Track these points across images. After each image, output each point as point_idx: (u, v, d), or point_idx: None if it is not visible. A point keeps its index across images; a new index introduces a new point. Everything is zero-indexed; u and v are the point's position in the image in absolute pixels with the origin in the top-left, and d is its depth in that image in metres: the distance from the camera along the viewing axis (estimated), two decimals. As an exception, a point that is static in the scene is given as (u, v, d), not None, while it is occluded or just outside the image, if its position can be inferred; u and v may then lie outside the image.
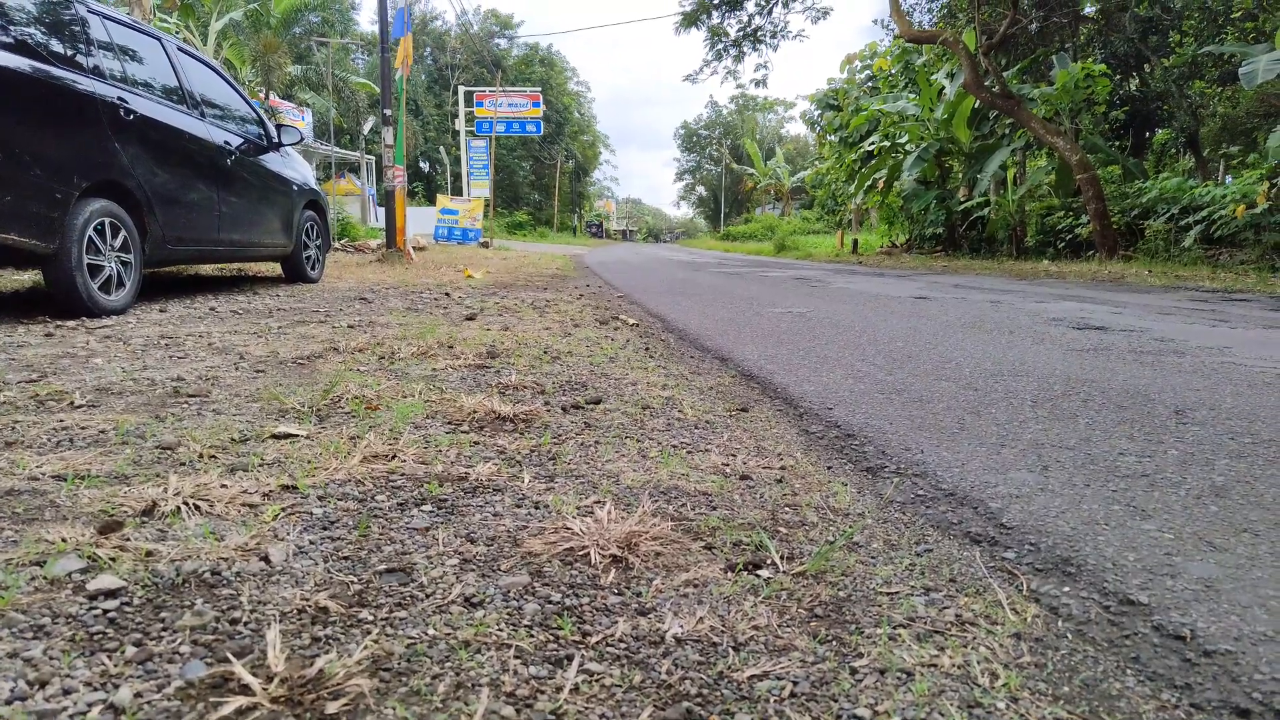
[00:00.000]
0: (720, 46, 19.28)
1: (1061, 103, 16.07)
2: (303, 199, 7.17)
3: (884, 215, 23.21)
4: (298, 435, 2.09)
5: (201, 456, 1.90)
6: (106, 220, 4.64)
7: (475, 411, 2.40)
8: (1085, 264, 13.41)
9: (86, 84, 4.62)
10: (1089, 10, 19.30)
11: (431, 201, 40.56)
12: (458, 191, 40.01)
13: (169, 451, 1.93)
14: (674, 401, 2.74)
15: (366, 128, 27.00)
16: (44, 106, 4.34)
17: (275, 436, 2.08)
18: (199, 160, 5.64)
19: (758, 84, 21.62)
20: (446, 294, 6.66)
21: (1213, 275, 10.16)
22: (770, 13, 18.86)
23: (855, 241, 23.31)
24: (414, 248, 15.80)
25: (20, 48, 4.24)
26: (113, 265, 4.70)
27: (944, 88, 19.41)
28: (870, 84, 29.13)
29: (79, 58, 4.70)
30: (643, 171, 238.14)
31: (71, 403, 2.44)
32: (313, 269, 7.41)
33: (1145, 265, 12.11)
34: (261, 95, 22.43)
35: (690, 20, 18.45)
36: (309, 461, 1.88)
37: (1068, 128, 16.50)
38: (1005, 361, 3.53)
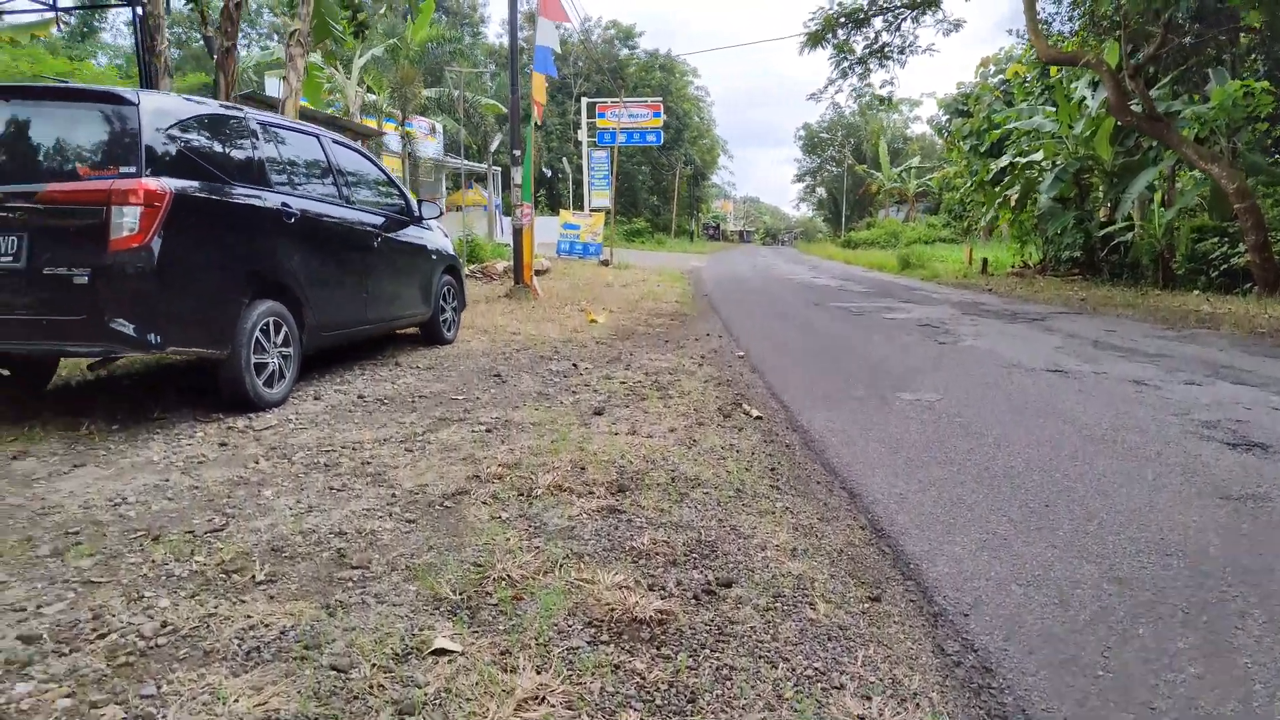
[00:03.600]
0: (846, 65, 18.90)
1: (1217, 120, 14.97)
2: (441, 265, 7.53)
3: (1016, 233, 22.22)
4: (454, 651, 2.25)
5: (371, 688, 2.07)
6: (271, 319, 5.03)
7: (613, 609, 2.51)
8: (1242, 302, 12.48)
9: (257, 195, 5.02)
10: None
11: (554, 210, 41.59)
12: (579, 200, 40.83)
13: (342, 677, 2.12)
14: (805, 584, 2.77)
15: (494, 145, 28.00)
16: (221, 223, 4.74)
17: (435, 653, 2.25)
18: (350, 247, 6.03)
19: (883, 101, 20.99)
20: (574, 365, 6.85)
21: (1393, 330, 9.28)
22: (898, 29, 18.35)
23: (985, 261, 22.40)
24: (537, 271, 16.21)
25: (196, 168, 4.65)
26: (275, 360, 5.09)
27: (1085, 100, 18.42)
28: (1004, 88, 27.93)
29: (249, 169, 5.10)
30: (761, 169, 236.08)
31: (253, 577, 2.69)
32: (448, 330, 7.77)
33: (1312, 309, 11.16)
34: (398, 115, 23.55)
35: (815, 40, 18.17)
36: (467, 699, 2.03)
37: (1224, 148, 15.38)
38: (1151, 523, 3.37)
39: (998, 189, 21.09)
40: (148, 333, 4.26)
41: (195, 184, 4.53)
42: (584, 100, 37.11)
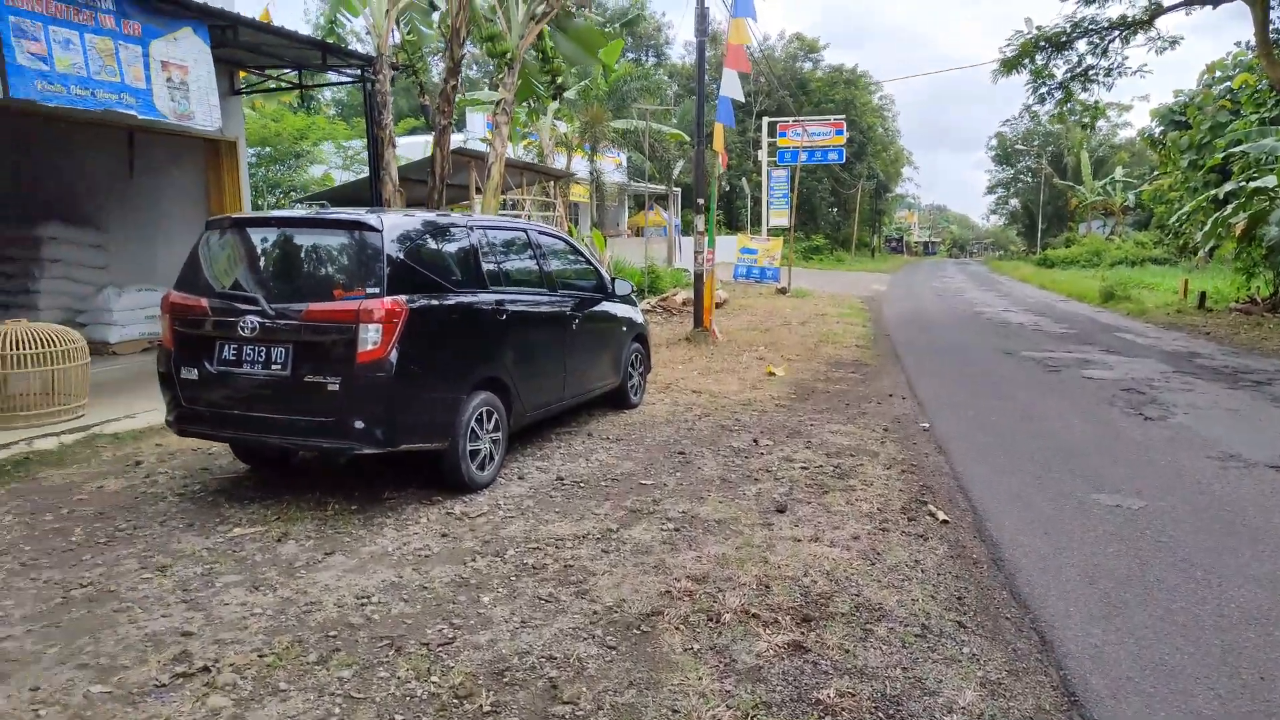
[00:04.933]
0: (1044, 90, 17.93)
1: None
2: (630, 335, 7.94)
3: (1243, 264, 20.12)
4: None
5: None
6: (484, 409, 5.56)
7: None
8: None
9: (475, 297, 5.57)
10: None
11: (731, 228, 41.87)
12: (756, 219, 40.90)
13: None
14: (991, 763, 2.83)
15: (676, 171, 28.71)
16: (446, 328, 5.31)
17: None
18: (552, 331, 6.51)
19: (1085, 126, 19.73)
20: (754, 440, 7.03)
21: None
22: (1104, 51, 17.19)
23: (1203, 295, 20.48)
24: (715, 304, 16.47)
25: (426, 280, 5.22)
26: (487, 445, 5.61)
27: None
28: (1230, 96, 25.38)
29: (468, 272, 5.66)
30: (949, 174, 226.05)
31: (480, 707, 3.08)
32: (634, 395, 8.18)
33: None
34: (586, 148, 24.62)
35: (1010, 66, 17.37)
36: None
37: None
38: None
39: (1220, 218, 19.22)
40: (384, 433, 4.86)
41: (425, 296, 5.10)
42: (764, 119, 37.14)
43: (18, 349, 6.85)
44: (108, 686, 3.20)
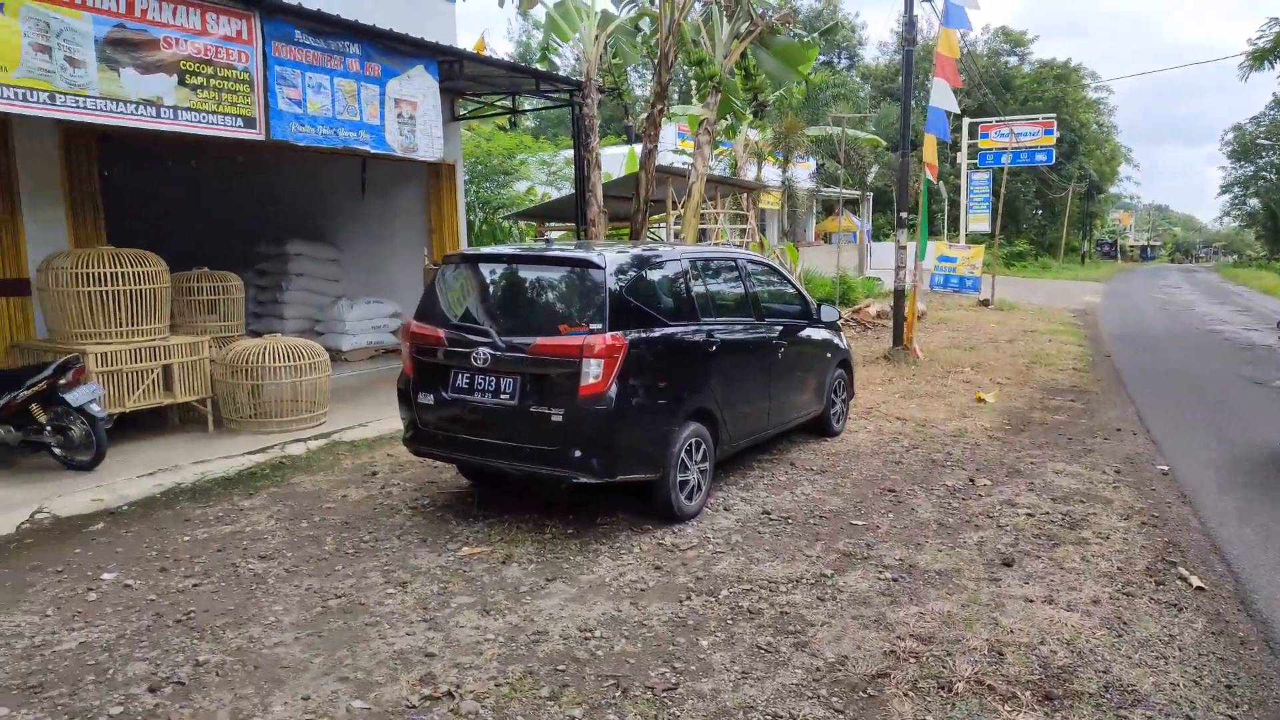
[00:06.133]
0: (1305, 83, 15.83)
1: None
2: (834, 361, 7.75)
3: None
4: None
5: None
6: (693, 440, 5.59)
7: None
8: None
9: (687, 329, 5.62)
10: None
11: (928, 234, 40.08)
12: (954, 223, 38.89)
13: None
14: None
15: (870, 177, 27.82)
16: (660, 361, 5.38)
17: None
18: (757, 361, 6.46)
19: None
20: (970, 480, 6.65)
21: None
22: (1389, 35, 14.97)
23: None
24: (917, 317, 15.80)
25: (642, 314, 5.31)
26: (695, 476, 5.64)
27: None
28: None
29: (680, 304, 5.71)
30: (1175, 172, 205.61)
31: (711, 764, 3.08)
32: (837, 423, 7.95)
33: None
34: (778, 156, 24.38)
35: (1261, 58, 15.50)
36: None
37: None
38: None
39: None
40: (602, 463, 5.00)
41: (642, 329, 5.20)
42: (965, 119, 35.22)
43: (274, 361, 7.63)
44: (366, 703, 3.47)
